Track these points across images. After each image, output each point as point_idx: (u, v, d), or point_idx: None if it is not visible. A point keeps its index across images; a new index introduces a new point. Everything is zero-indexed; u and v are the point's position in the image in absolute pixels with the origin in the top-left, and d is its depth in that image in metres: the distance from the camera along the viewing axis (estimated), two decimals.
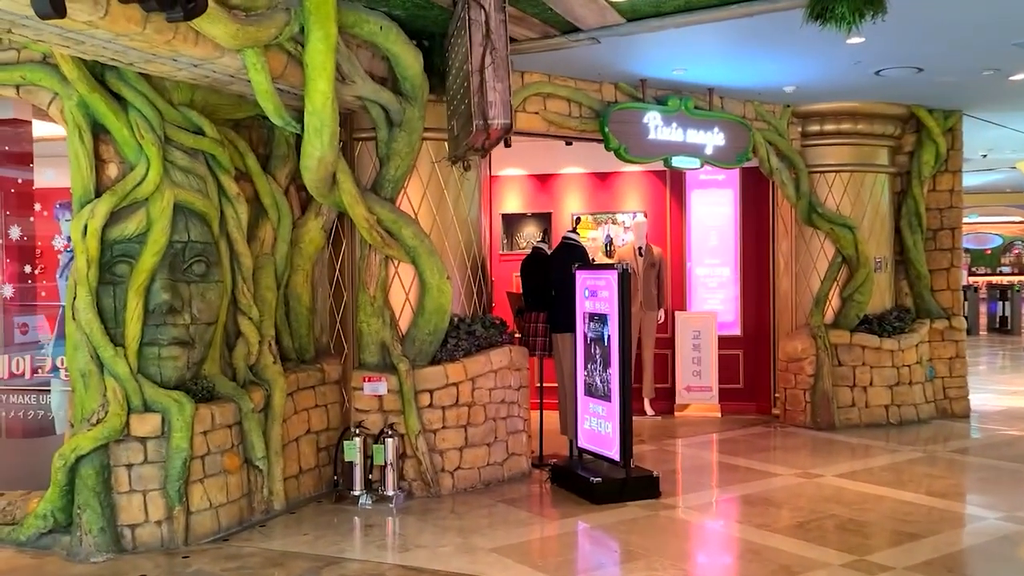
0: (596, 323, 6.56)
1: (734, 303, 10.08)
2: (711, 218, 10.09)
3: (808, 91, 8.56)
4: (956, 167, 9.89)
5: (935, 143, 9.61)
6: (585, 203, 10.38)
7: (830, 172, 9.39)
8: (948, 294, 9.89)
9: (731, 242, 10.06)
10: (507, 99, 4.64)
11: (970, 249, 37.33)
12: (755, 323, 10.05)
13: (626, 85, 8.01)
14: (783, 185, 9.17)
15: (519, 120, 7.51)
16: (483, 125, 4.62)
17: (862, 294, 9.16)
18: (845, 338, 9.12)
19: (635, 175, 10.26)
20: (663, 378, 10.09)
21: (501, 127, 4.63)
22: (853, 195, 9.38)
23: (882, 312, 9.41)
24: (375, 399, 6.46)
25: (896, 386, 9.22)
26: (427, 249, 6.41)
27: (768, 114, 9.08)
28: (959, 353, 9.73)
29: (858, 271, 9.17)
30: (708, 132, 8.31)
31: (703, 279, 10.13)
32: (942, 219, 9.92)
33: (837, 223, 9.17)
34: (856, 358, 9.14)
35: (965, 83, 8.28)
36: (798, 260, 9.55)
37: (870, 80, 8.07)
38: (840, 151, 9.38)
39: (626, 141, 7.77)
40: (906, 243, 9.68)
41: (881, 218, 9.53)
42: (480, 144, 4.87)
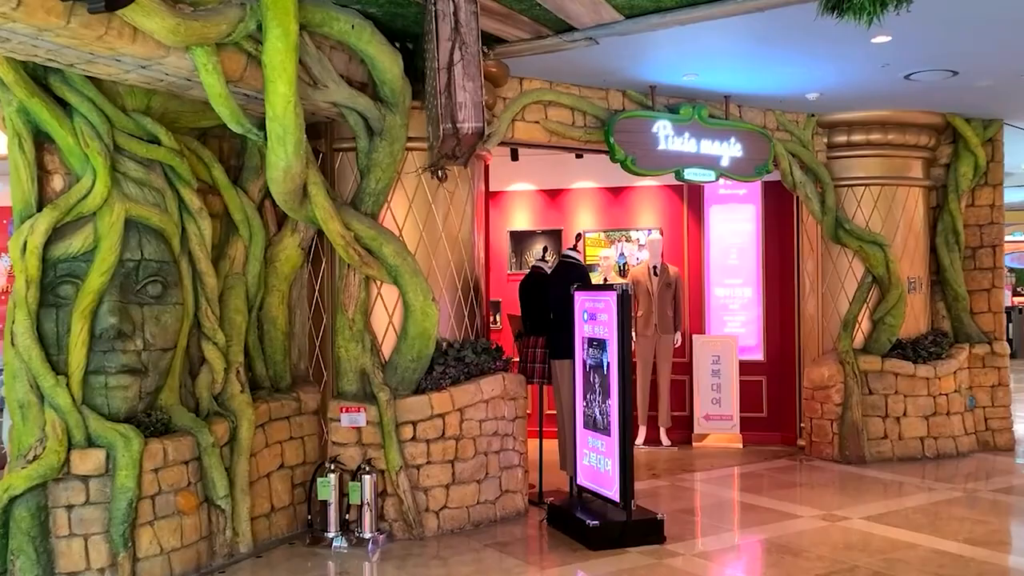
0: (595, 349, 6.00)
1: (756, 326, 9.44)
2: (731, 235, 9.48)
3: (833, 99, 7.95)
4: (997, 180, 9.18)
5: (973, 154, 8.93)
6: (597, 219, 9.83)
7: (859, 186, 8.74)
8: (989, 317, 9.16)
9: (753, 261, 9.43)
10: (479, 100, 4.14)
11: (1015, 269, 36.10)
12: (779, 347, 9.40)
13: (635, 92, 7.48)
14: (807, 200, 8.54)
15: (517, 130, 7.03)
16: (451, 129, 4.12)
17: (894, 317, 8.48)
18: (876, 364, 8.43)
19: (650, 190, 9.69)
20: (680, 406, 9.46)
21: (472, 131, 4.12)
22: (884, 210, 8.71)
23: (917, 336, 8.72)
24: (353, 431, 5.94)
25: (932, 416, 8.50)
26: (410, 268, 5.90)
27: (791, 124, 8.48)
28: (1002, 380, 8.99)
29: (890, 292, 8.50)
30: (724, 143, 7.74)
31: (723, 300, 9.50)
32: (982, 236, 9.21)
33: (866, 240, 8.52)
34: (888, 386, 8.45)
35: (1004, 88, 7.62)
36: (825, 280, 8.89)
37: (900, 85, 7.44)
38: (869, 163, 8.74)
39: (634, 152, 7.23)
40: (942, 262, 8.99)
41: (915, 235, 8.85)
42: (451, 151, 4.37)
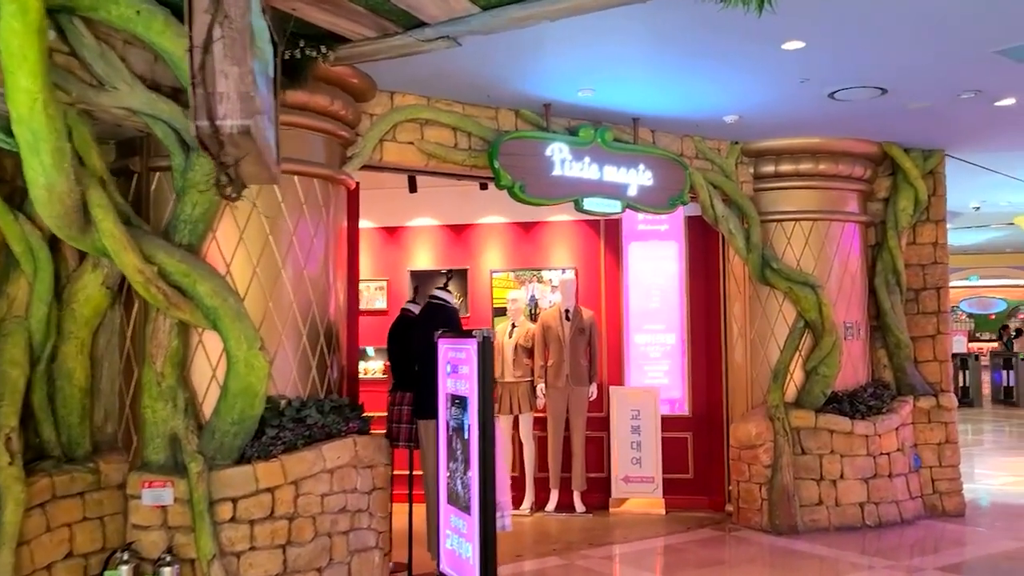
0: (457, 408, 4.98)
1: (680, 376, 8.49)
2: (652, 275, 8.56)
3: (755, 122, 7.12)
4: (939, 216, 8.38)
5: (913, 187, 8.13)
6: (506, 258, 8.88)
7: (788, 220, 7.89)
8: (935, 366, 8.28)
9: (676, 303, 8.51)
10: (246, 91, 3.17)
11: (974, 314, 35.80)
12: (706, 400, 8.44)
13: (529, 112, 6.59)
14: (731, 236, 7.66)
15: (387, 152, 6.10)
16: (209, 128, 3.15)
17: (828, 366, 7.56)
18: (809, 420, 7.49)
19: (564, 225, 8.77)
20: (597, 466, 8.44)
21: (236, 130, 3.14)
22: (816, 248, 7.86)
23: (855, 388, 7.81)
24: (158, 511, 4.84)
25: (873, 479, 7.55)
26: (232, 311, 4.86)
27: (711, 152, 7.63)
28: (949, 437, 8.08)
29: (823, 338, 7.60)
30: (632, 170, 6.85)
31: (644, 348, 8.55)
32: (925, 277, 8.38)
33: (796, 281, 7.63)
34: (823, 445, 7.50)
35: (942, 111, 6.84)
36: (753, 325, 7.98)
37: (826, 106, 6.63)
38: (800, 196, 7.91)
39: (522, 178, 6.30)
40: (882, 305, 8.12)
41: (851, 275, 7.99)
42: (217, 156, 3.38)
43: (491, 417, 4.69)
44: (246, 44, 3.20)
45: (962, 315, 36.21)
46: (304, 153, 5.49)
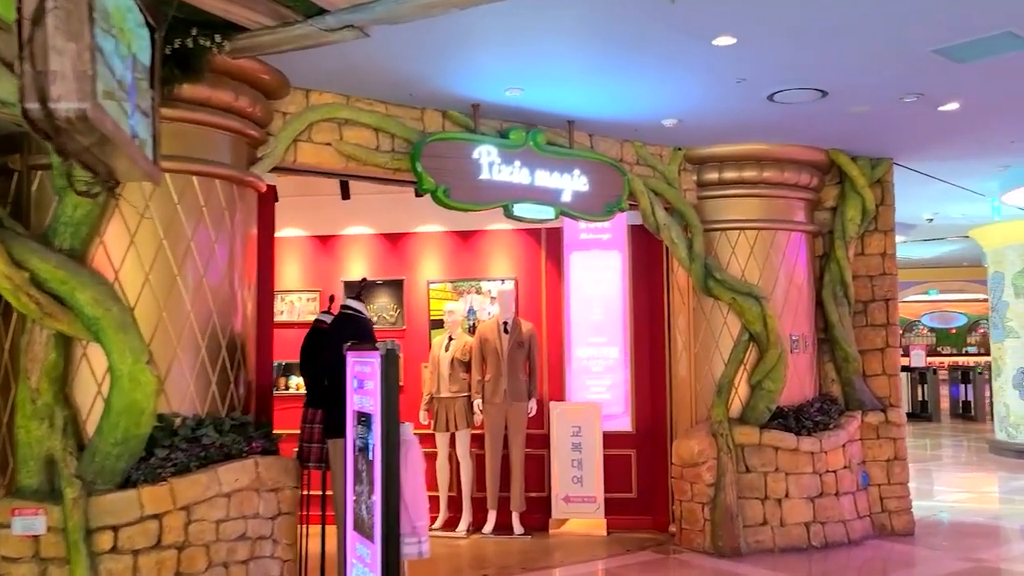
0: (363, 427, 4.61)
1: (623, 391, 8.17)
2: (595, 286, 8.25)
3: (695, 126, 6.85)
4: (888, 226, 8.17)
5: (861, 196, 7.91)
6: (444, 268, 8.53)
7: (732, 229, 7.63)
8: (884, 380, 8.04)
9: (619, 316, 8.21)
10: (84, 70, 2.79)
11: (935, 328, 36.03)
12: (650, 416, 8.13)
13: (458, 113, 6.27)
14: (673, 245, 7.38)
15: (302, 153, 5.74)
16: (41, 111, 2.76)
17: (773, 381, 7.29)
18: (753, 437, 7.21)
19: (504, 234, 8.45)
20: (537, 485, 8.09)
21: (72, 114, 2.76)
22: (761, 258, 7.60)
23: (801, 403, 7.54)
24: (29, 541, 4.42)
25: (819, 498, 7.27)
26: (115, 321, 4.46)
27: (652, 158, 7.36)
28: (898, 454, 7.83)
29: (768, 352, 7.32)
30: (566, 175, 6.55)
31: (585, 361, 8.23)
32: (873, 289, 8.15)
33: (740, 292, 7.36)
34: (768, 462, 7.21)
35: (886, 116, 6.62)
36: (698, 338, 7.70)
37: (767, 110, 6.38)
38: (745, 204, 7.65)
39: (447, 181, 5.96)
40: (830, 318, 7.88)
41: (798, 286, 7.74)
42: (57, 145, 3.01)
43: (395, 436, 4.33)
44: (84, 18, 2.82)
45: (924, 329, 36.50)
46: (205, 152, 5.12)
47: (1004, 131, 7.26)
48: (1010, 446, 12.66)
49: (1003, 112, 6.67)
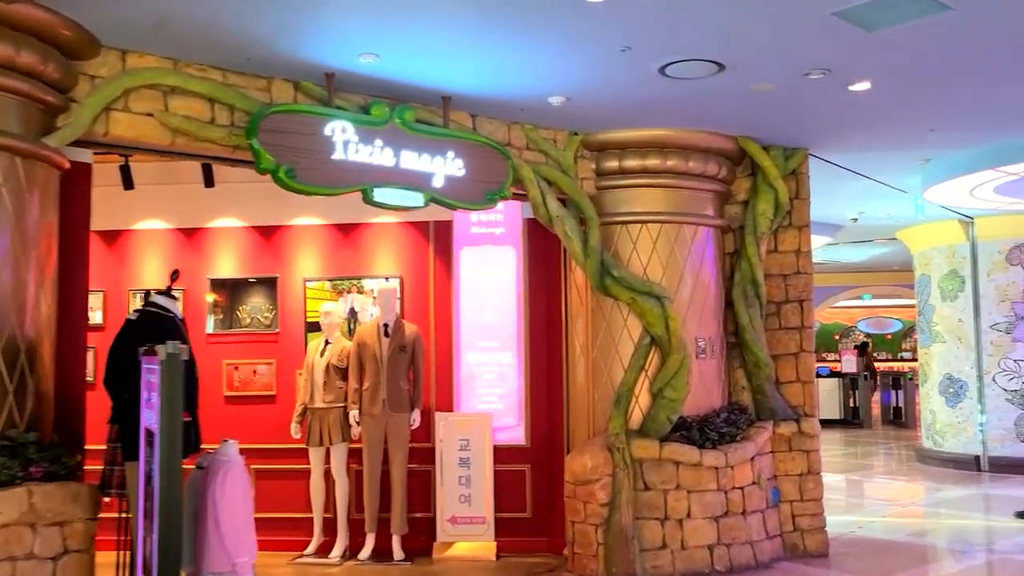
0: (149, 447, 3.81)
1: (517, 400, 7.45)
2: (486, 285, 7.52)
3: (586, 106, 6.18)
4: (802, 222, 7.58)
5: (773, 189, 7.32)
6: (323, 264, 7.72)
7: (634, 223, 6.97)
8: (797, 387, 7.44)
9: (513, 318, 7.49)
10: None
11: (871, 334, 36.18)
12: (547, 428, 7.42)
13: (312, 85, 5.49)
14: (567, 239, 6.68)
15: (116, 124, 4.93)
16: None
17: (674, 389, 6.64)
18: (653, 451, 6.54)
19: (389, 228, 7.68)
20: (422, 505, 7.32)
21: None
22: (665, 254, 6.96)
23: (707, 414, 6.90)
24: None
25: (724, 517, 6.63)
26: None
27: (546, 142, 6.66)
28: (812, 467, 7.24)
29: (670, 357, 6.67)
30: (438, 157, 5.80)
31: (476, 368, 7.48)
32: (787, 289, 7.55)
33: (640, 291, 6.70)
34: (668, 479, 6.55)
35: (793, 96, 6.02)
36: (596, 342, 7.02)
37: (661, 87, 5.72)
38: (648, 196, 7.01)
39: (291, 160, 5.17)
40: (740, 320, 7.26)
41: (704, 285, 7.11)
42: None
43: (177, 459, 3.53)
44: None
45: (859, 335, 36.65)
46: None
47: (920, 118, 6.73)
48: (936, 454, 12.25)
49: (917, 95, 6.12)
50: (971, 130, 7.04)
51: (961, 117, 6.74)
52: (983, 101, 6.33)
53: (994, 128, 7.09)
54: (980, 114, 6.67)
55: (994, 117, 6.77)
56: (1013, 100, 6.33)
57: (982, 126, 7.00)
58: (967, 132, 7.10)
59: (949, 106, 6.42)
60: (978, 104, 6.41)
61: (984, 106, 6.47)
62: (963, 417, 11.89)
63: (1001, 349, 11.51)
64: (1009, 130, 7.12)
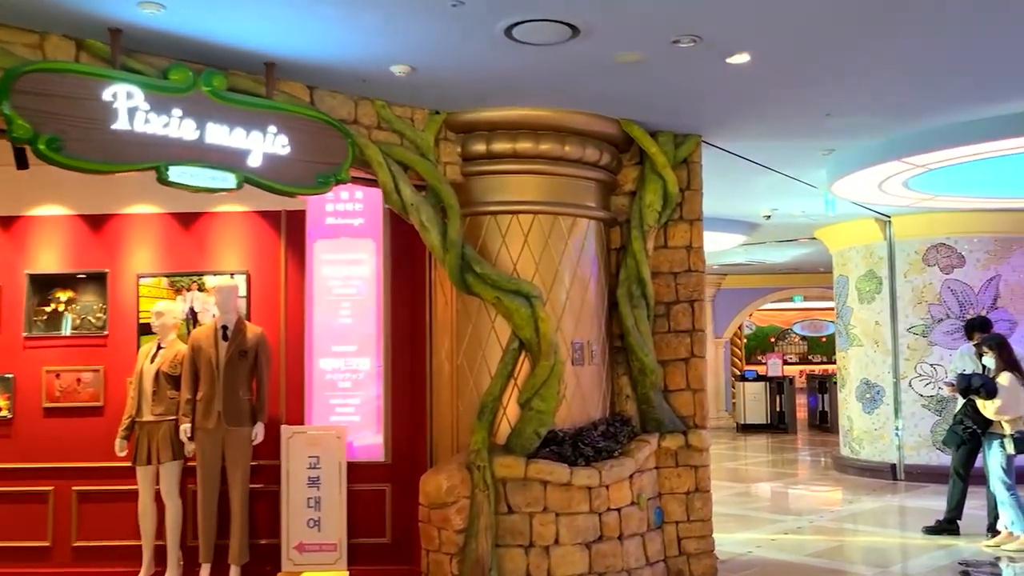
0: None
1: (376, 412, 6.66)
2: (343, 282, 6.72)
3: (435, 77, 5.43)
4: (694, 215, 6.94)
5: (661, 178, 6.66)
6: (159, 259, 6.85)
7: (504, 213, 6.25)
8: (687, 396, 6.79)
9: (373, 319, 6.70)
10: None
11: (807, 336, 36.16)
12: (410, 442, 6.65)
13: (100, 43, 4.63)
14: (423, 229, 5.92)
15: None
16: None
17: (544, 399, 5.92)
18: (518, 469, 5.81)
19: (236, 218, 6.84)
20: (267, 530, 6.50)
21: None
22: (538, 248, 6.25)
23: (584, 426, 6.21)
24: None
25: (598, 543, 5.92)
26: None
27: (401, 122, 5.90)
28: (700, 484, 6.58)
29: (539, 363, 5.96)
30: (256, 132, 4.99)
31: (331, 376, 6.68)
32: (677, 288, 6.90)
33: (505, 289, 5.97)
34: (534, 501, 5.82)
35: (667, 70, 5.33)
36: (461, 347, 6.28)
37: (513, 55, 5.00)
38: (519, 183, 6.30)
39: (58, 129, 4.31)
40: (624, 322, 6.58)
41: (583, 283, 6.42)
42: None
43: None
44: None
45: (796, 338, 36.62)
46: None
47: (812, 101, 6.13)
48: (853, 462, 11.78)
49: (803, 72, 5.49)
50: (870, 115, 6.45)
51: (857, 101, 6.15)
52: (878, 82, 5.74)
53: (896, 115, 6.52)
54: (877, 97, 6.09)
55: (893, 102, 6.21)
56: (911, 82, 5.76)
57: (881, 112, 6.42)
58: (866, 118, 6.51)
59: (841, 86, 5.82)
60: (874, 86, 5.82)
61: (881, 88, 5.89)
62: (879, 424, 11.43)
63: (917, 353, 11.07)
64: (911, 117, 6.56)
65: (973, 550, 7.39)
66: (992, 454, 7.36)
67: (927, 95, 6.07)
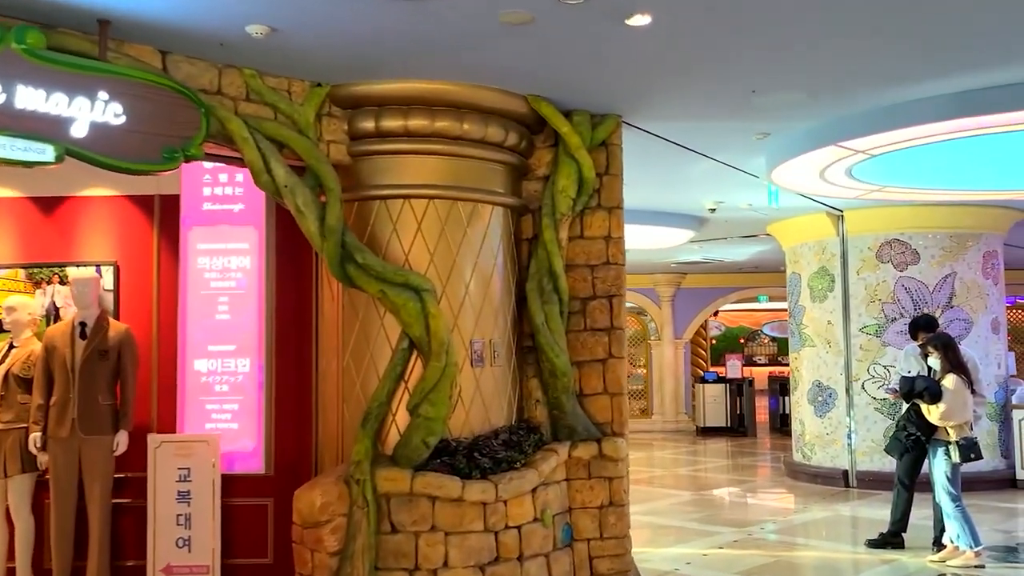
0: None
1: (257, 419, 6.01)
2: (222, 274, 6.05)
3: (305, 42, 4.81)
4: (613, 202, 6.34)
5: (575, 161, 6.07)
6: (16, 248, 6.16)
7: (394, 198, 5.64)
8: (605, 401, 6.20)
9: (254, 315, 6.04)
10: None
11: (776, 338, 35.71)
12: (295, 452, 6.00)
13: None
14: (299, 215, 5.29)
15: None
16: None
17: (434, 405, 5.30)
18: (403, 483, 5.18)
19: (104, 203, 6.16)
20: (132, 551, 5.83)
21: None
22: (433, 237, 5.64)
23: (484, 435, 5.60)
24: None
25: (493, 565, 5.30)
26: None
27: (275, 94, 5.26)
28: (615, 498, 5.98)
29: (429, 365, 5.34)
30: (82, 98, 4.33)
31: (207, 378, 6.02)
32: (594, 283, 6.30)
33: (392, 282, 5.35)
34: (421, 518, 5.20)
35: (557, 31, 4.73)
36: (348, 346, 5.65)
37: (385, 14, 4.38)
38: (413, 165, 5.69)
39: None
40: (534, 319, 5.98)
41: (484, 276, 5.81)
42: None
43: None
44: None
45: (765, 339, 36.16)
46: None
47: (735, 75, 5.55)
48: (805, 468, 11.24)
49: (718, 40, 4.90)
50: (800, 93, 5.87)
51: (783, 76, 5.57)
52: (805, 53, 5.17)
53: (830, 93, 5.95)
54: (806, 72, 5.52)
55: (825, 77, 5.64)
56: (843, 54, 5.19)
57: (812, 89, 5.84)
58: (796, 96, 5.93)
59: (763, 59, 5.25)
60: (800, 58, 5.25)
61: (809, 61, 5.31)
62: (832, 428, 10.90)
63: (871, 354, 10.55)
64: (846, 95, 6.00)
65: (918, 565, 6.87)
66: (937, 463, 6.82)
67: (862, 69, 5.50)
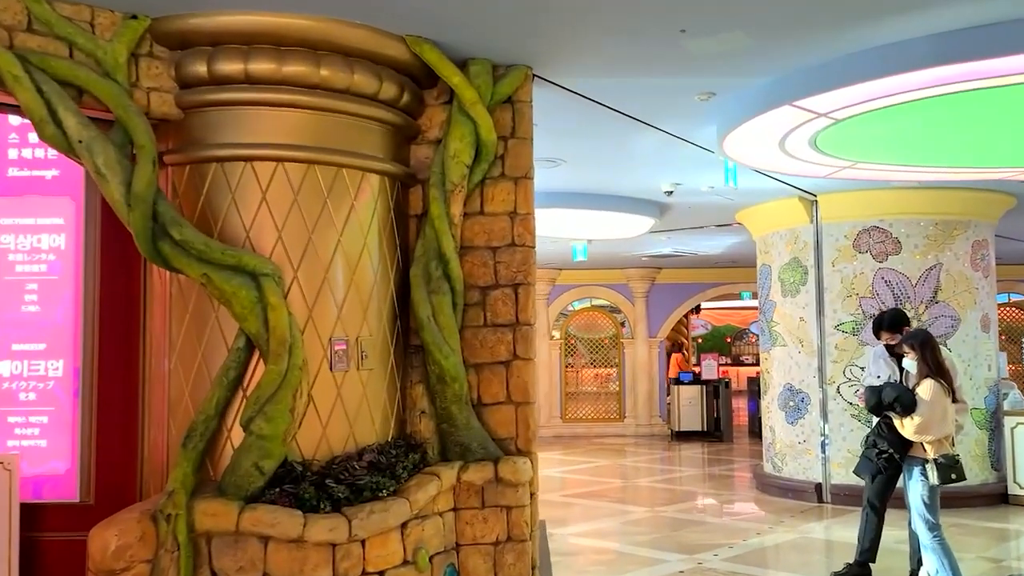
0: None
1: (71, 434, 4.88)
2: (30, 256, 4.93)
3: None
4: (520, 171, 5.23)
5: (471, 120, 4.96)
6: None
7: (233, 160, 4.52)
8: (508, 411, 5.09)
9: (69, 306, 4.92)
10: None
11: None
12: (120, 476, 4.86)
13: None
14: (100, 179, 4.17)
15: None
16: None
17: (270, 420, 4.18)
18: (228, 518, 4.07)
19: None
20: None
21: None
22: (282, 210, 4.53)
23: (343, 456, 4.49)
24: None
25: None
26: None
27: (71, 26, 4.16)
28: (513, 532, 4.86)
29: (267, 369, 4.23)
30: None
31: (10, 384, 4.88)
32: (497, 268, 5.19)
33: (219, 263, 4.23)
34: (250, 564, 4.08)
35: None
36: (176, 345, 4.54)
37: None
38: (259, 120, 4.58)
39: None
40: (418, 312, 4.87)
41: (350, 260, 4.70)
42: None
43: None
44: None
45: (752, 337, 35.07)
46: None
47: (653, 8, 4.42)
48: (775, 481, 10.16)
49: None
50: (738, 32, 4.74)
51: (714, 8, 4.46)
52: None
53: (775, 34, 4.83)
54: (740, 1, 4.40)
55: (763, 10, 4.52)
56: None
57: (754, 28, 4.73)
58: (735, 38, 4.80)
59: None
60: None
61: None
62: (804, 436, 9.81)
63: (847, 354, 9.46)
64: (795, 38, 4.88)
65: None
66: (912, 485, 5.71)
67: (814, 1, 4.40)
